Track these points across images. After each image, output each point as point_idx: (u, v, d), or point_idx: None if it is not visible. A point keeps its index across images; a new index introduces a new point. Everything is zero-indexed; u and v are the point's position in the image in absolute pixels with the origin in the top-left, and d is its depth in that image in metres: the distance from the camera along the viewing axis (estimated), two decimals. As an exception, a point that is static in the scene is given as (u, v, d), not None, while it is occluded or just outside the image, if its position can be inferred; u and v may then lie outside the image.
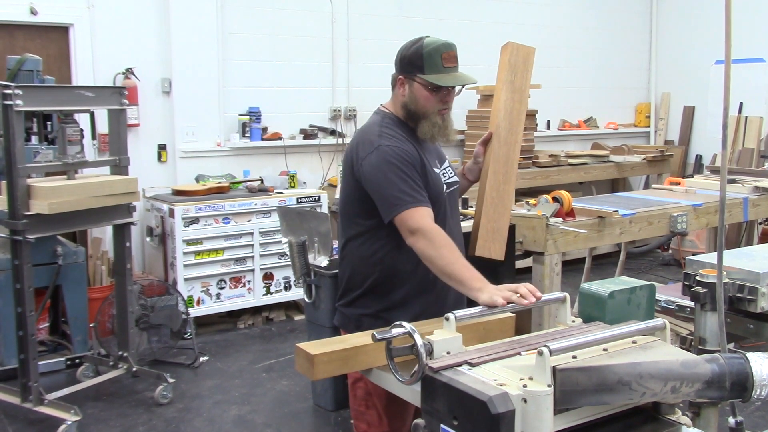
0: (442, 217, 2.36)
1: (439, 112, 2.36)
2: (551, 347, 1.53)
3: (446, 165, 2.52)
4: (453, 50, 2.33)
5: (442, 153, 2.57)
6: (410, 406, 2.24)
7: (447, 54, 2.30)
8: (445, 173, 2.47)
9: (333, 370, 1.91)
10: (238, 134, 5.98)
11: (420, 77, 2.32)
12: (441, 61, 2.29)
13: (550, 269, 4.04)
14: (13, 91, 3.54)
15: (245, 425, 3.93)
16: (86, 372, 4.43)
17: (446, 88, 2.34)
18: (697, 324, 2.18)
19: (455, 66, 2.33)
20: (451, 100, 2.40)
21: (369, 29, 6.59)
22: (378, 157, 2.27)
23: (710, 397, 1.69)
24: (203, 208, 5.22)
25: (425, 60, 2.30)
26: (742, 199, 5.02)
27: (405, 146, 2.31)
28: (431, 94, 2.33)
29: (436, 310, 2.30)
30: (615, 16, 8.38)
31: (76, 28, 5.37)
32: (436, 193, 2.35)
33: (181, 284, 5.14)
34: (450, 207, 2.45)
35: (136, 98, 5.47)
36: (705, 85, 7.92)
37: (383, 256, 2.36)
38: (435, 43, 2.32)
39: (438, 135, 2.39)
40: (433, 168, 2.39)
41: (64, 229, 4.15)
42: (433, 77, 2.30)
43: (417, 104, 2.35)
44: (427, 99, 2.33)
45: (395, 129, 2.36)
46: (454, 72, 2.33)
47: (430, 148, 2.47)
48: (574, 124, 8.17)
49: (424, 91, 2.33)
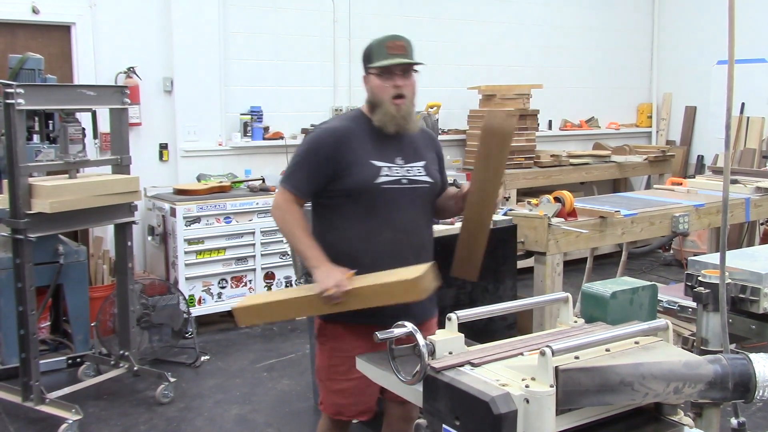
0: (380, 208, 2.48)
1: (393, 102, 2.49)
2: (554, 347, 1.53)
3: (420, 163, 2.58)
4: (399, 40, 2.51)
5: (422, 151, 2.62)
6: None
7: (392, 43, 2.49)
8: (410, 169, 2.55)
9: (251, 319, 2.70)
10: (240, 133, 5.98)
11: (370, 67, 2.52)
12: (385, 50, 2.48)
13: (551, 269, 4.04)
14: (14, 90, 3.53)
15: (246, 425, 3.93)
16: (87, 371, 4.43)
17: (396, 74, 2.48)
18: (699, 325, 2.18)
19: (401, 54, 2.49)
20: (405, 87, 2.50)
21: (371, 29, 6.55)
22: (305, 138, 2.67)
23: (713, 398, 1.69)
24: (205, 207, 5.22)
25: (373, 52, 2.51)
26: (743, 199, 5.02)
27: (333, 134, 2.51)
28: (381, 81, 2.49)
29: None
30: (617, 16, 8.38)
31: (78, 27, 5.37)
32: (358, 183, 2.47)
33: (183, 283, 5.15)
34: (400, 202, 2.51)
35: (137, 97, 5.46)
36: (707, 85, 7.91)
37: (330, 238, 2.55)
38: (382, 37, 2.52)
39: (390, 123, 2.50)
40: (370, 160, 2.49)
41: (66, 228, 4.15)
42: (376, 63, 2.48)
43: (374, 95, 2.53)
44: (379, 87, 2.50)
45: (349, 121, 2.58)
46: (398, 58, 2.48)
47: (398, 143, 2.56)
48: (576, 124, 8.17)
49: (376, 80, 2.50)
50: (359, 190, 2.47)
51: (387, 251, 2.48)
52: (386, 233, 2.49)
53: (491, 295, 3.74)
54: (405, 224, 2.51)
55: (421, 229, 2.60)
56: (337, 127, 2.57)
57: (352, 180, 2.47)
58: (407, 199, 2.53)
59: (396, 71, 2.48)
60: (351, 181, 2.47)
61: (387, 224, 2.48)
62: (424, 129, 2.77)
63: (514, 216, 4.00)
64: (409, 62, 2.49)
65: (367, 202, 2.48)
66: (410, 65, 2.51)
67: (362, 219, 2.50)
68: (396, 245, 2.49)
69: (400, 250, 2.49)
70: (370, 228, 2.49)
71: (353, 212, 2.50)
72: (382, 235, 2.49)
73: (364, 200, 2.48)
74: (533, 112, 6.86)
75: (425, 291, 2.31)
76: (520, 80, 7.21)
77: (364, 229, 2.50)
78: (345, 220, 2.52)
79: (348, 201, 2.50)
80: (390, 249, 2.48)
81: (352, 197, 2.49)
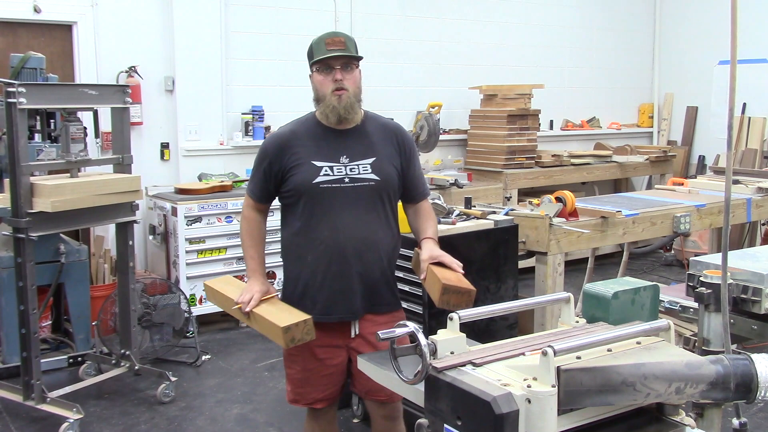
0: (319, 208, 2.56)
1: (334, 93, 2.54)
2: (555, 347, 1.53)
3: (367, 161, 2.60)
4: (338, 36, 2.58)
5: (375, 147, 2.63)
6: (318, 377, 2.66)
7: (330, 39, 2.56)
8: (354, 168, 2.58)
9: (213, 300, 2.81)
10: (241, 133, 5.98)
11: (311, 64, 2.60)
12: (324, 46, 2.54)
13: (553, 269, 4.04)
14: (16, 89, 3.54)
15: (247, 424, 3.93)
16: (88, 370, 4.44)
17: (335, 69, 2.53)
18: (700, 325, 2.17)
19: (340, 48, 2.54)
20: (345, 81, 2.54)
21: (372, 28, 6.58)
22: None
23: (714, 399, 1.68)
24: (206, 206, 5.22)
25: (314, 48, 2.59)
26: (745, 199, 5.02)
27: (277, 140, 2.64)
28: (322, 76, 2.56)
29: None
30: (618, 17, 8.37)
31: (80, 26, 5.37)
32: (298, 184, 2.57)
33: (184, 282, 5.15)
34: (341, 201, 2.56)
35: (139, 96, 5.46)
36: (708, 85, 7.91)
37: (283, 235, 2.71)
38: (321, 35, 2.59)
39: (331, 114, 2.56)
40: (311, 161, 2.56)
41: (67, 227, 4.15)
42: (316, 58, 2.56)
43: (317, 90, 2.61)
44: (320, 82, 2.57)
45: (298, 125, 2.67)
46: (336, 53, 2.53)
47: (345, 141, 2.60)
48: (577, 124, 8.16)
49: (317, 75, 2.58)
50: (300, 191, 2.57)
51: (327, 250, 2.56)
52: (325, 232, 2.56)
53: (492, 295, 3.74)
54: (345, 223, 2.56)
55: (368, 228, 2.60)
56: (282, 132, 2.68)
57: (293, 181, 2.58)
58: (349, 198, 2.57)
59: (335, 65, 2.53)
60: (292, 182, 2.58)
61: (326, 223, 2.56)
62: (387, 123, 2.75)
63: (516, 216, 4.00)
64: (346, 55, 2.54)
65: (308, 201, 2.57)
66: (350, 59, 2.56)
67: (305, 218, 2.59)
68: (336, 244, 2.56)
69: (340, 249, 2.56)
70: (310, 227, 2.58)
71: (298, 212, 2.60)
72: (321, 234, 2.56)
73: (305, 200, 2.58)
74: (535, 111, 6.85)
75: (291, 340, 2.40)
76: (521, 80, 7.20)
77: (306, 227, 2.59)
78: (293, 218, 2.63)
79: (294, 201, 2.61)
80: (330, 248, 2.56)
81: (296, 197, 2.60)
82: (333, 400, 2.77)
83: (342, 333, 2.64)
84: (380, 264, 2.63)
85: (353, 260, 2.57)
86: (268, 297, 2.62)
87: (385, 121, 2.75)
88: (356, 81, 2.59)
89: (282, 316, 2.47)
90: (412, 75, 6.85)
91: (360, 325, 2.65)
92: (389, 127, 2.73)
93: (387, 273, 2.67)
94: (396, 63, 6.72)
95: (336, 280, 2.58)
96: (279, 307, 2.57)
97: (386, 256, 2.65)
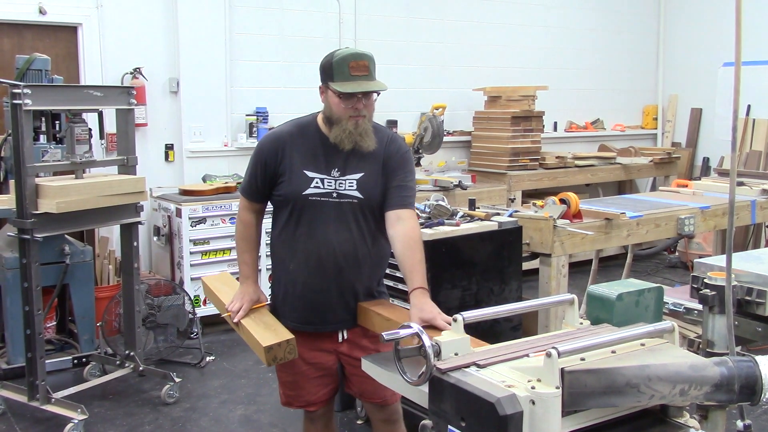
0: (305, 219, 2.52)
1: (351, 118, 2.46)
2: (560, 349, 1.53)
3: (355, 176, 2.52)
4: (362, 60, 2.43)
5: (366, 162, 2.53)
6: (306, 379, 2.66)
7: (355, 63, 2.42)
8: (343, 183, 2.50)
9: (208, 296, 2.91)
10: (245, 134, 5.99)
11: (330, 85, 2.45)
12: (348, 70, 2.41)
13: (557, 271, 4.04)
14: (21, 91, 3.55)
15: (251, 425, 3.93)
16: (93, 371, 4.45)
17: (356, 96, 2.43)
18: (705, 327, 2.17)
19: (365, 75, 2.43)
20: (365, 108, 2.47)
21: (376, 30, 6.59)
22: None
23: (719, 400, 1.68)
24: (210, 207, 5.23)
25: (334, 69, 2.43)
26: (749, 201, 5.01)
27: (275, 140, 2.55)
28: (341, 101, 2.44)
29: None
30: (623, 18, 8.37)
31: (85, 27, 5.39)
32: (288, 192, 2.53)
33: (188, 284, 5.16)
34: (327, 215, 2.51)
35: (143, 98, 5.47)
36: (712, 87, 7.88)
37: (272, 237, 2.69)
38: (344, 53, 2.45)
39: (346, 140, 2.47)
40: (304, 170, 2.50)
41: (72, 228, 4.16)
42: (338, 85, 2.42)
43: (331, 111, 2.49)
44: (337, 106, 2.46)
45: (297, 127, 2.57)
46: (361, 80, 2.43)
47: (340, 154, 2.51)
48: (581, 125, 8.15)
49: (334, 98, 2.46)
50: (289, 199, 2.54)
51: (308, 262, 2.53)
52: (308, 244, 2.53)
53: (496, 296, 3.74)
54: (329, 237, 2.51)
55: (351, 244, 2.53)
56: (279, 134, 2.59)
57: (284, 188, 2.54)
58: (335, 213, 2.52)
59: (357, 95, 2.44)
60: (283, 189, 2.55)
61: (310, 235, 2.52)
62: (383, 137, 2.58)
63: (520, 217, 3.99)
64: (373, 90, 2.45)
65: (295, 209, 2.54)
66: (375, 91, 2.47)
67: (291, 226, 2.56)
68: (317, 258, 2.52)
69: (321, 262, 2.52)
70: (295, 237, 2.55)
71: (286, 219, 2.57)
72: (304, 245, 2.54)
73: (293, 209, 2.54)
74: (538, 113, 6.85)
75: (273, 359, 2.40)
76: (525, 81, 7.20)
77: (291, 236, 2.56)
78: (281, 224, 2.61)
79: (282, 207, 2.58)
80: (311, 260, 2.53)
81: (284, 204, 2.57)
82: (326, 403, 2.76)
83: (329, 338, 2.63)
84: (361, 280, 2.58)
85: (333, 275, 2.53)
86: (258, 306, 2.64)
87: (382, 135, 2.59)
88: (373, 106, 2.52)
89: (266, 333, 2.46)
90: (416, 77, 6.85)
91: (348, 331, 2.63)
92: (383, 140, 2.58)
93: (371, 288, 2.63)
94: (400, 65, 6.72)
95: (314, 293, 2.56)
96: (266, 321, 2.56)
97: (369, 272, 2.60)
